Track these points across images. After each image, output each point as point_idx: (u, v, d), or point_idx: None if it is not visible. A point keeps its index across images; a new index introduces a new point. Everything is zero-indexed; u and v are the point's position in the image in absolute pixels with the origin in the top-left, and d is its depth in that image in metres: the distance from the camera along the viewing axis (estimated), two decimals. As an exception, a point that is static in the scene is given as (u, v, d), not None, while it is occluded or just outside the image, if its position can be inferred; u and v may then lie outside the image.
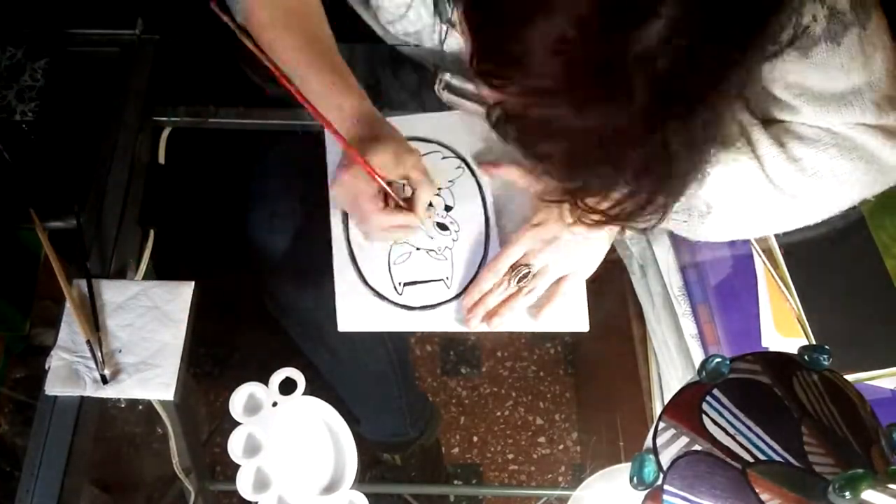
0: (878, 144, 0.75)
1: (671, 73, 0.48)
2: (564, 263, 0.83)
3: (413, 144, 0.85)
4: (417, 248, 0.87)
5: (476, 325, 0.83)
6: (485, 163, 0.90)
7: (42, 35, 0.96)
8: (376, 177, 0.78)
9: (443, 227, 0.89)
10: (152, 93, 0.98)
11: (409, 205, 0.82)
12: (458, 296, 0.85)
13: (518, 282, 0.83)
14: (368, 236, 0.85)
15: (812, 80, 0.73)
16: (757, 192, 0.77)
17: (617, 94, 0.48)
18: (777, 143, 0.76)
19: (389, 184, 0.80)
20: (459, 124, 0.93)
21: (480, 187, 0.90)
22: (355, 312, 0.84)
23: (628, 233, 0.90)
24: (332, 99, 0.81)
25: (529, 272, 0.83)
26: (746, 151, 0.76)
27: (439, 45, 0.90)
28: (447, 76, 0.88)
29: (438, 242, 0.88)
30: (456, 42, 0.89)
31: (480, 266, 0.86)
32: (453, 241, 0.88)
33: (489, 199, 0.89)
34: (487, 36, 0.52)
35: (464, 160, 0.92)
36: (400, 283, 0.86)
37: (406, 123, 0.89)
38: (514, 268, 0.83)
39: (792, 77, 0.74)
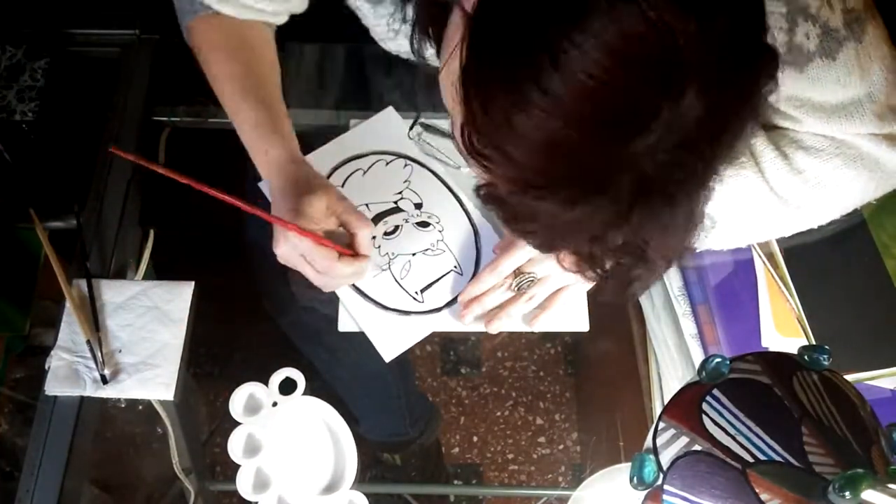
0: (882, 152, 0.75)
1: (655, 175, 0.48)
2: (567, 274, 0.82)
3: (352, 165, 0.89)
4: (413, 254, 0.88)
5: (469, 322, 0.83)
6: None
7: (42, 35, 0.97)
8: (320, 239, 0.75)
9: (424, 224, 0.89)
10: (152, 93, 0.98)
11: (352, 247, 0.79)
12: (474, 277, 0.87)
13: (519, 288, 0.83)
14: (326, 287, 0.81)
15: (810, 93, 0.73)
16: (761, 203, 0.77)
17: (601, 195, 0.49)
18: (781, 154, 0.76)
19: (330, 235, 0.78)
20: (384, 123, 0.95)
21: (435, 173, 0.92)
22: (392, 340, 0.84)
23: None
24: (259, 143, 0.80)
25: (532, 280, 0.83)
26: (751, 165, 0.76)
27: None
28: (421, 122, 0.87)
29: (429, 238, 0.89)
30: None
31: (477, 240, 0.88)
32: (440, 231, 0.89)
33: (448, 180, 0.91)
34: (480, 116, 0.48)
35: (405, 156, 0.93)
36: (416, 292, 0.86)
37: (336, 148, 0.92)
38: (516, 273, 0.83)
39: (790, 90, 0.74)
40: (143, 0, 1.02)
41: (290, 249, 0.77)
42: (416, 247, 0.88)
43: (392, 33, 0.86)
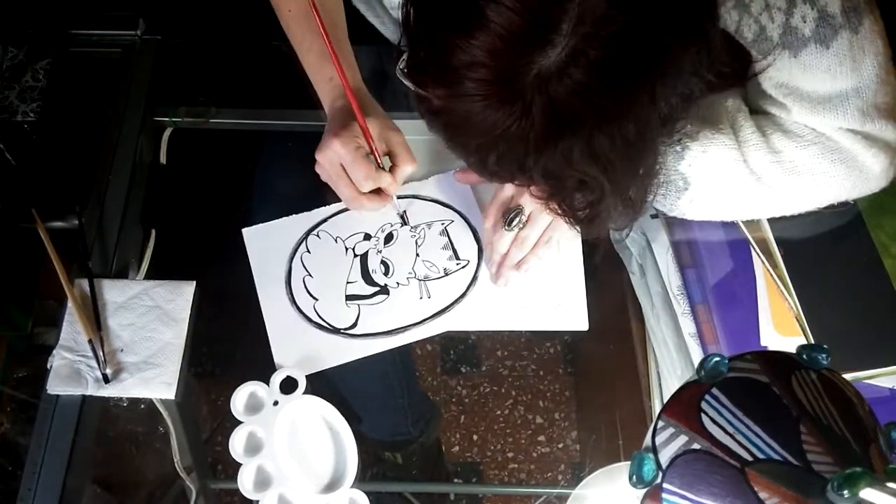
0: (860, 149, 0.75)
1: (564, 98, 0.53)
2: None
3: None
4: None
5: (499, 281, 0.86)
6: (457, 172, 0.92)
7: (44, 36, 0.97)
8: (370, 140, 0.81)
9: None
10: (153, 93, 0.98)
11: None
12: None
13: (511, 226, 0.83)
14: (353, 203, 0.86)
15: (800, 80, 0.74)
16: (734, 176, 0.78)
17: (514, 107, 0.54)
18: (760, 131, 0.77)
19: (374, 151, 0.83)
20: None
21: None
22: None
23: (627, 233, 0.91)
24: (325, 70, 0.84)
25: (520, 213, 0.83)
26: (728, 133, 0.77)
27: None
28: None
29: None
30: None
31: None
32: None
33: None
34: (419, 40, 0.57)
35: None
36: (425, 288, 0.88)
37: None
38: (505, 213, 0.84)
39: (782, 76, 0.74)
40: (144, 1, 1.02)
41: (332, 157, 0.82)
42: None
43: None
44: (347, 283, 0.88)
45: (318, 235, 0.90)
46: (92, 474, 0.84)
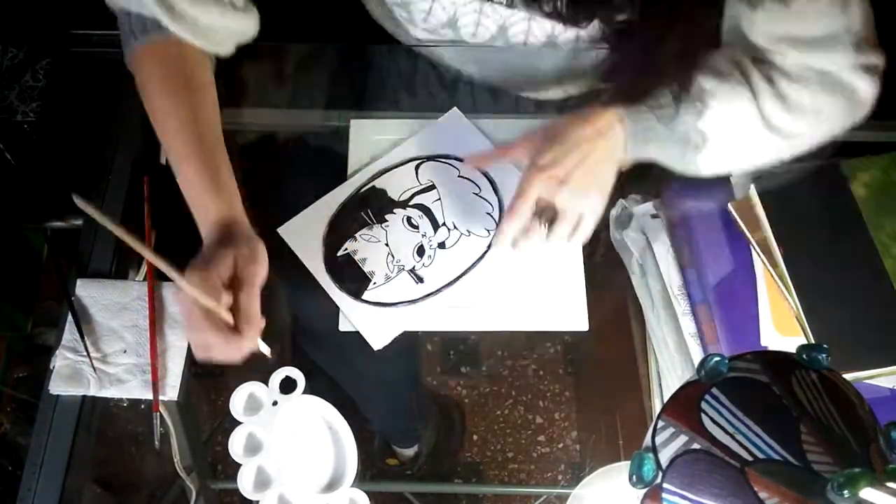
0: (857, 80, 0.77)
1: None
2: (579, 202, 0.80)
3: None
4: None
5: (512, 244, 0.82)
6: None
7: (44, 36, 0.97)
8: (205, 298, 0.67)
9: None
10: (153, 93, 0.98)
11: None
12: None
13: (542, 217, 0.80)
14: (203, 355, 0.71)
15: (792, 27, 0.76)
16: (748, 125, 0.79)
17: None
18: (767, 79, 0.78)
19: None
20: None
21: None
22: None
23: (627, 233, 0.91)
24: (199, 199, 0.76)
25: (553, 210, 0.80)
26: (743, 85, 0.78)
27: (473, 28, 0.91)
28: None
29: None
30: (490, 26, 0.90)
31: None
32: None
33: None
34: None
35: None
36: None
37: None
38: (537, 213, 0.80)
39: (773, 27, 0.76)
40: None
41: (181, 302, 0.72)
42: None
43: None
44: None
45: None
46: (92, 474, 0.84)
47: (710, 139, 0.79)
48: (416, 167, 0.93)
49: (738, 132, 0.80)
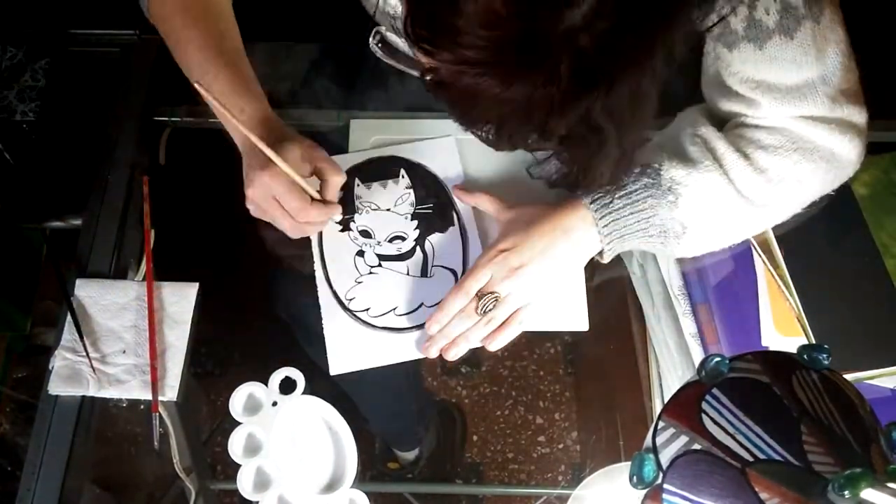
0: (836, 141, 0.76)
1: (592, 52, 0.51)
2: (525, 293, 0.81)
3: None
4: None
5: (434, 354, 0.82)
6: (457, 187, 0.91)
7: (43, 35, 0.97)
8: (296, 176, 0.77)
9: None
10: (153, 93, 0.98)
11: (322, 194, 0.82)
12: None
13: (484, 311, 0.80)
14: (294, 232, 0.82)
15: (766, 73, 0.74)
16: (728, 206, 0.78)
17: (541, 70, 0.51)
18: (742, 155, 0.77)
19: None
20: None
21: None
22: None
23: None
24: (234, 101, 0.80)
25: (496, 299, 0.80)
26: (715, 168, 0.77)
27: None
28: (382, 30, 0.84)
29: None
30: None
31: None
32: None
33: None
34: (421, 2, 0.53)
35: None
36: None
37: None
38: (479, 295, 0.81)
39: (748, 70, 0.75)
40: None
41: (264, 191, 0.77)
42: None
43: None
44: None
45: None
46: (91, 475, 0.84)
47: (690, 226, 0.78)
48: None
49: (717, 214, 0.78)
